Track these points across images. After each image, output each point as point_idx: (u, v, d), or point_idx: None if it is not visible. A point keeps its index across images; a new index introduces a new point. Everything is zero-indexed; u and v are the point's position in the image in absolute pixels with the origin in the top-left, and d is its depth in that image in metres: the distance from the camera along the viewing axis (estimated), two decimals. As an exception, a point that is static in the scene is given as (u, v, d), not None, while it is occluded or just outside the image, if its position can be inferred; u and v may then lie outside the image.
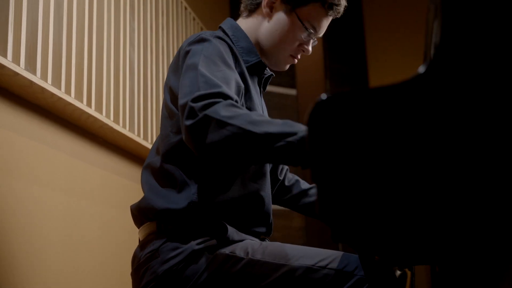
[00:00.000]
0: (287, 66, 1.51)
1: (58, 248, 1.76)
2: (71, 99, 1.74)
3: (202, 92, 1.13)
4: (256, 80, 1.45)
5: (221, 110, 1.09)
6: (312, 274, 1.18)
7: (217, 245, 1.24)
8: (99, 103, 1.92)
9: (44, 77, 1.63)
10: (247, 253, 1.22)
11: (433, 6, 0.73)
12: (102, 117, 1.90)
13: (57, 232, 1.77)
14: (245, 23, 1.47)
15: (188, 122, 1.11)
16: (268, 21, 1.43)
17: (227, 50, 1.32)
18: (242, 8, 1.49)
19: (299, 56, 1.48)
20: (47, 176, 1.74)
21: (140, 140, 2.15)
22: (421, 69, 0.60)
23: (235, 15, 1.54)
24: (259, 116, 1.08)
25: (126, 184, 2.22)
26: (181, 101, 1.16)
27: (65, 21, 1.77)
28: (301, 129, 1.01)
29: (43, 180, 1.72)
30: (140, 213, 1.34)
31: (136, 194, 2.30)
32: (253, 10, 1.46)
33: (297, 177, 1.71)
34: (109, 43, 2.03)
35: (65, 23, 1.77)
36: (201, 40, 1.30)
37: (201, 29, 3.20)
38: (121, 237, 2.13)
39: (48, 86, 1.63)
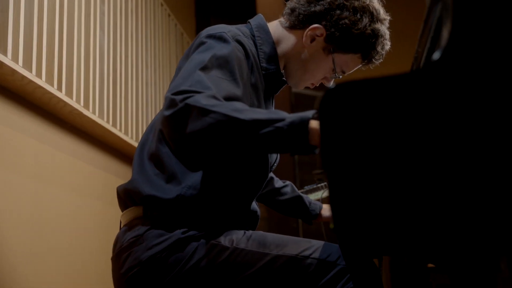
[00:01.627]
0: (303, 88, 1.50)
1: (24, 234, 1.71)
2: (42, 82, 1.69)
3: (189, 88, 1.10)
4: (269, 87, 1.40)
5: (202, 99, 1.06)
6: (296, 263, 1.19)
7: (203, 235, 1.24)
8: (69, 87, 1.88)
9: (15, 59, 1.57)
10: (232, 242, 1.23)
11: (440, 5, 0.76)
12: (72, 102, 1.86)
13: (24, 217, 1.72)
14: (279, 31, 1.40)
15: (168, 112, 1.08)
16: (304, 48, 1.38)
17: (243, 59, 1.26)
18: (286, 13, 1.40)
19: (318, 84, 1.49)
20: (13, 160, 1.69)
21: (109, 126, 2.11)
22: (436, 55, 0.62)
23: (201, 3, 1.47)
24: (242, 105, 1.06)
25: (95, 172, 2.17)
26: (167, 94, 1.14)
27: (36, 2, 1.71)
28: (288, 115, 1.01)
29: (9, 164, 1.67)
30: (126, 196, 1.31)
31: (104, 182, 2.26)
32: (295, 27, 1.38)
33: (272, 174, 1.72)
34: (80, 26, 1.98)
35: (36, 4, 1.71)
36: (220, 38, 1.24)
37: (169, 15, 3.16)
38: (89, 224, 2.09)
39: (19, 68, 1.58)
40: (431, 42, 0.88)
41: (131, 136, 2.38)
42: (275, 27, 1.41)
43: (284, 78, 1.42)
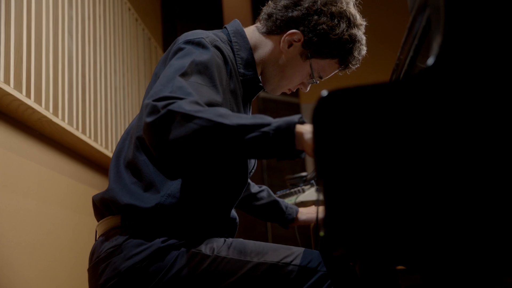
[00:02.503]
0: (280, 93, 1.50)
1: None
2: (10, 89, 1.64)
3: (170, 94, 1.08)
4: (246, 92, 1.40)
5: (185, 105, 1.04)
6: (277, 270, 1.19)
7: (183, 243, 1.22)
8: (38, 94, 1.83)
9: (-18, 65, 1.53)
10: (213, 250, 1.22)
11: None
12: (41, 109, 1.81)
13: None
14: (256, 37, 1.40)
15: (150, 119, 1.05)
16: (281, 54, 1.38)
17: (222, 65, 1.26)
18: (263, 18, 1.40)
19: (295, 90, 1.49)
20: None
21: (79, 134, 2.07)
22: (430, 61, 0.63)
23: (167, 7, 1.46)
24: (226, 110, 1.05)
25: (64, 180, 2.12)
26: (146, 100, 1.12)
27: (3, 7, 1.66)
28: (273, 120, 1.01)
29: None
30: (103, 205, 1.29)
31: (74, 190, 2.21)
32: (272, 32, 1.38)
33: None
34: (48, 31, 1.93)
35: (3, 9, 1.66)
36: (199, 44, 1.23)
37: (136, 20, 3.12)
38: (59, 234, 2.04)
39: (-13, 75, 1.53)
40: (414, 50, 0.89)
41: (100, 143, 2.33)
42: (252, 32, 1.41)
43: (260, 84, 1.42)
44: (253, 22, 1.46)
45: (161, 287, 1.19)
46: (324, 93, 0.65)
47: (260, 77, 1.42)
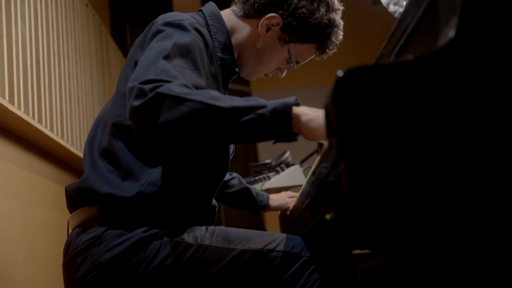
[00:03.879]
0: (255, 78, 1.47)
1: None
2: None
3: (156, 77, 1.04)
4: (224, 77, 1.37)
5: (175, 87, 1.01)
6: (261, 257, 1.19)
7: (165, 232, 1.19)
8: (-8, 81, 1.72)
9: None
10: (196, 238, 1.20)
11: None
12: (-3, 97, 1.71)
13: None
14: (233, 20, 1.37)
15: (137, 102, 1.01)
16: (258, 38, 1.35)
17: (203, 48, 1.23)
18: (239, 1, 1.37)
19: (270, 75, 1.46)
20: None
21: (35, 123, 1.97)
22: (452, 33, 0.62)
23: None
24: (218, 93, 1.03)
25: (20, 173, 2.02)
26: (130, 83, 1.08)
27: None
28: (268, 102, 0.99)
29: None
30: (79, 195, 1.23)
31: (31, 184, 2.11)
32: (249, 16, 1.35)
33: None
34: (0, 16, 1.82)
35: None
36: (179, 26, 1.19)
37: (86, 5, 3.00)
38: (21, 231, 1.94)
39: None
40: (405, 40, 0.90)
41: (56, 132, 2.23)
42: (228, 15, 1.38)
43: (236, 69, 1.40)
44: None
45: (143, 278, 1.16)
46: (340, 73, 0.63)
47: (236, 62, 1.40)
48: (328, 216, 0.77)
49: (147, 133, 1.02)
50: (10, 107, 1.76)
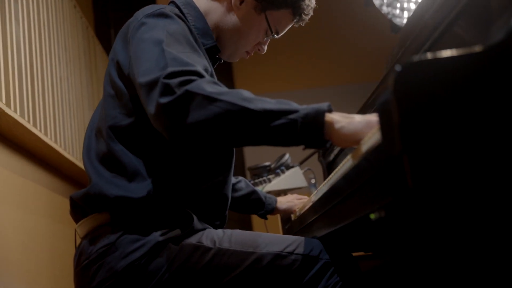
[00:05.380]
0: (238, 59, 1.45)
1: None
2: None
3: (175, 68, 1.01)
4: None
5: (206, 86, 0.99)
6: (280, 260, 1.16)
7: (182, 236, 1.16)
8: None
9: None
10: (214, 242, 1.17)
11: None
12: (-7, 100, 1.65)
13: None
14: (204, 3, 1.36)
15: (164, 100, 0.98)
16: (234, 14, 1.34)
17: (189, 31, 1.20)
18: None
19: (252, 53, 1.44)
20: None
21: (30, 126, 1.90)
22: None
23: None
24: (249, 93, 1.00)
25: (12, 178, 1.95)
26: (143, 79, 1.04)
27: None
28: (300, 107, 0.97)
29: None
30: (88, 202, 1.19)
31: (24, 189, 2.04)
32: None
33: None
34: (-5, 15, 1.77)
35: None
36: (161, 15, 1.17)
37: (74, 7, 2.94)
38: (13, 237, 1.88)
39: None
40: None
41: (50, 137, 2.18)
42: (200, 1, 1.36)
43: (217, 56, 1.38)
44: None
45: (162, 284, 1.12)
46: (399, 67, 0.62)
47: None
48: (373, 216, 0.75)
49: (175, 132, 0.99)
50: (7, 110, 1.70)
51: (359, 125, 0.91)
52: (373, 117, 0.91)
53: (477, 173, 0.59)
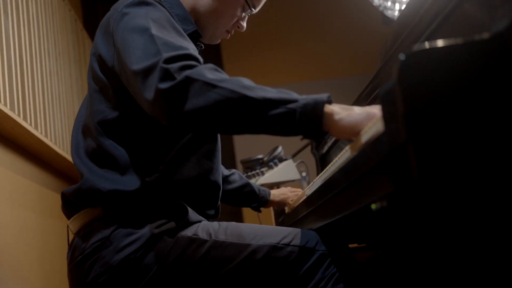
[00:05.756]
0: (219, 40, 1.44)
1: None
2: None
3: (172, 53, 1.01)
4: None
5: (206, 72, 0.98)
6: (277, 252, 1.16)
7: (177, 228, 1.15)
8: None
9: None
10: (210, 234, 1.16)
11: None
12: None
13: None
14: None
15: (164, 85, 0.97)
16: None
17: (171, 17, 1.20)
18: None
19: (233, 32, 1.43)
20: None
21: (20, 120, 1.88)
22: None
23: None
24: (249, 81, 1.00)
25: (2, 172, 1.93)
26: (136, 66, 1.03)
27: None
28: (300, 97, 0.96)
29: None
30: (80, 197, 1.17)
31: (14, 184, 2.02)
32: None
33: None
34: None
35: None
36: (142, 3, 1.16)
37: (63, 0, 2.91)
38: (2, 233, 1.86)
39: None
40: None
41: (40, 131, 2.15)
42: None
43: (198, 43, 1.37)
44: None
45: (158, 277, 1.12)
46: (403, 56, 0.61)
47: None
48: (374, 206, 0.74)
49: (174, 118, 0.98)
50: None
51: (359, 116, 0.91)
52: (372, 109, 0.91)
53: (483, 163, 0.58)
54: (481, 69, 0.60)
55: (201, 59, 1.05)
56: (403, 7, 2.29)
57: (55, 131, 2.39)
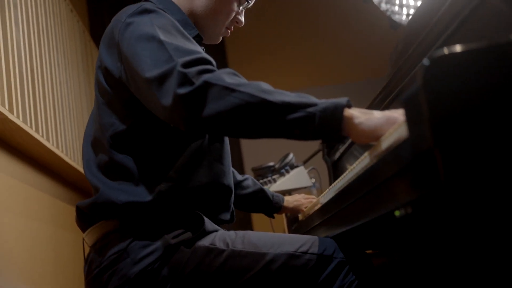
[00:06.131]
0: (220, 39, 1.43)
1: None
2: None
3: (187, 58, 1.00)
4: None
5: (225, 76, 0.98)
6: (295, 260, 1.15)
7: (194, 238, 1.14)
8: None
9: None
10: (227, 244, 1.15)
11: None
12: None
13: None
14: None
15: (183, 90, 0.96)
16: None
17: (176, 22, 1.19)
18: None
19: (232, 28, 1.42)
20: None
21: (32, 132, 1.89)
22: None
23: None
24: (268, 85, 0.99)
25: (16, 184, 1.93)
26: (150, 73, 1.02)
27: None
28: (319, 101, 0.95)
29: None
30: (95, 210, 1.17)
31: (27, 196, 2.02)
32: None
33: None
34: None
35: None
36: (145, 11, 1.15)
37: (71, 11, 2.92)
38: (16, 244, 1.86)
39: None
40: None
41: (52, 142, 2.16)
42: None
43: (201, 46, 1.37)
44: None
45: (177, 288, 1.11)
46: (427, 61, 0.61)
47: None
48: (398, 213, 0.74)
49: (193, 123, 0.98)
50: (10, 116, 1.68)
51: (379, 121, 0.90)
52: (392, 114, 0.90)
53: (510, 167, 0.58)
54: (508, 73, 0.59)
55: (214, 62, 1.04)
56: (411, 11, 2.29)
57: (66, 142, 2.40)
